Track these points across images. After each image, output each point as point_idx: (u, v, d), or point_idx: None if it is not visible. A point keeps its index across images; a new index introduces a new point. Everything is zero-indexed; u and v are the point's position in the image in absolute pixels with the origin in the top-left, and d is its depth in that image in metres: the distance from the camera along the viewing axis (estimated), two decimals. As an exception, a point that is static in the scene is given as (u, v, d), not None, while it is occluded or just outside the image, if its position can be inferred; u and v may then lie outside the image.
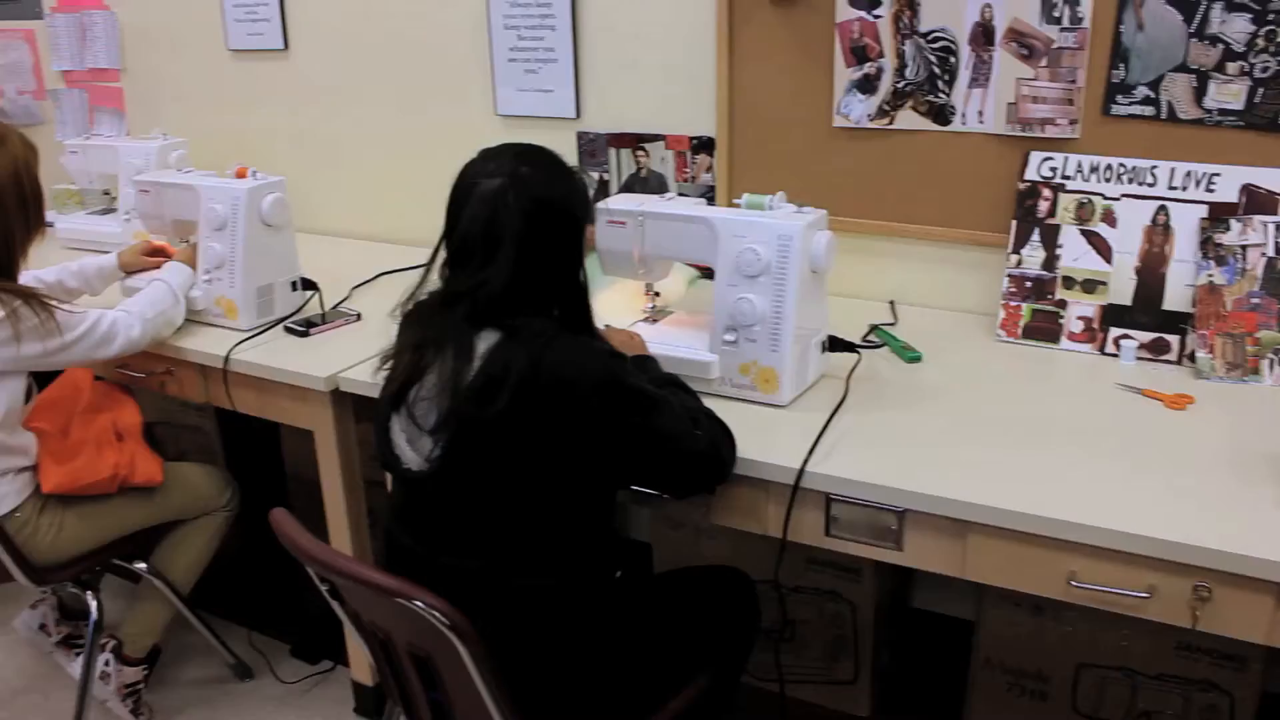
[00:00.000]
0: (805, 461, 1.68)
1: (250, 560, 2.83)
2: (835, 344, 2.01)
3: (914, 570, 1.75)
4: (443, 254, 1.63)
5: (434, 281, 1.65)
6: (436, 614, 1.44)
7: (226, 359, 2.26)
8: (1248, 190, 2.10)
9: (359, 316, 2.45)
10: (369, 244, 3.17)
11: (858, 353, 2.05)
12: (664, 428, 1.58)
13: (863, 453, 1.73)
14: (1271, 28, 2.04)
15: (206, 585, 2.58)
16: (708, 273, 2.06)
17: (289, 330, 2.39)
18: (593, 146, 2.75)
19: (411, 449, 1.60)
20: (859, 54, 2.37)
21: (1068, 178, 2.22)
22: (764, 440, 1.76)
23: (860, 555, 1.73)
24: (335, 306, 2.50)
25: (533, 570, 1.58)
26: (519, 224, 1.55)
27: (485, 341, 1.55)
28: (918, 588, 2.73)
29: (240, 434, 3.14)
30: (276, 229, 2.40)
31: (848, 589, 2.38)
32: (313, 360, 2.22)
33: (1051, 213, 2.23)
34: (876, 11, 2.33)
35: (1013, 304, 2.24)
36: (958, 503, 1.60)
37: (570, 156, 2.69)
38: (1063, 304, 2.21)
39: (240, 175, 2.41)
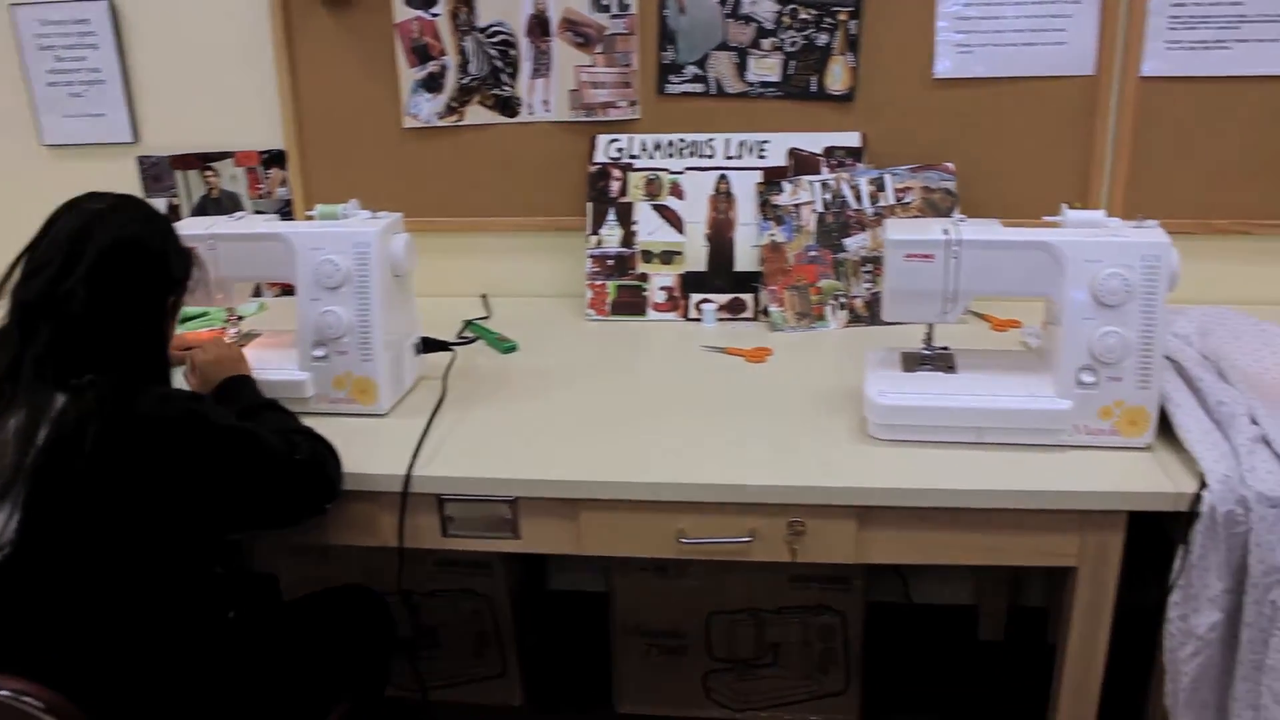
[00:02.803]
0: (411, 466, 1.66)
1: None
2: (429, 345, 2.00)
3: (546, 556, 1.78)
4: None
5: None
6: (28, 699, 1.31)
7: None
8: (794, 154, 2.28)
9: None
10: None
11: (452, 350, 2.05)
12: (258, 463, 1.52)
13: (469, 448, 1.74)
14: (794, 6, 2.22)
15: None
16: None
17: None
18: (156, 171, 2.59)
19: None
20: (421, 53, 2.36)
21: (634, 157, 2.32)
22: (369, 451, 1.72)
23: (482, 549, 1.74)
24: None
25: (133, 635, 1.47)
26: (104, 250, 1.46)
27: (56, 404, 1.42)
28: (552, 569, 2.78)
29: None
30: None
31: (481, 584, 2.38)
32: None
33: (623, 191, 2.32)
34: (434, 10, 2.33)
35: (598, 283, 2.32)
36: (565, 483, 1.64)
37: (133, 184, 2.54)
38: (644, 277, 2.31)
39: None
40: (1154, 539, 1.64)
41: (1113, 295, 1.62)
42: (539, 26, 2.31)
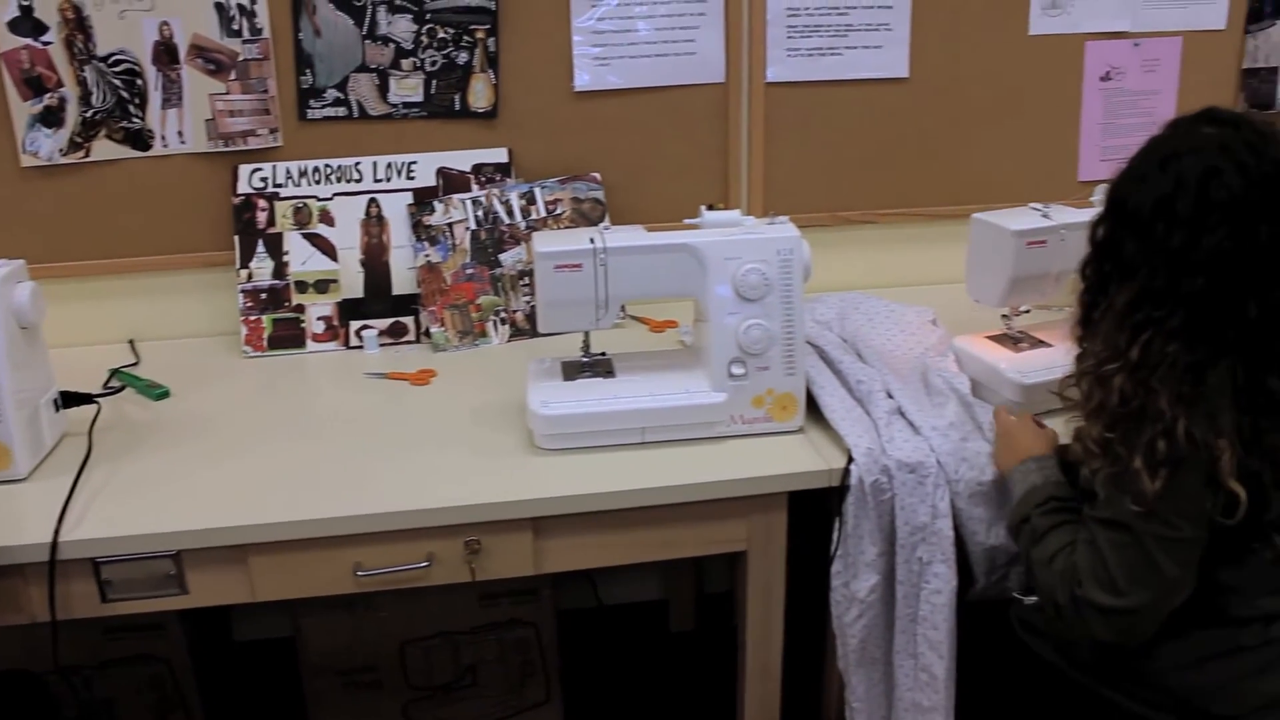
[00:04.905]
0: (57, 531, 1.54)
1: None
2: (70, 399, 1.87)
3: (229, 606, 1.70)
4: None
5: None
6: None
7: None
8: (443, 173, 2.28)
9: None
10: None
11: (96, 403, 1.92)
12: None
13: (123, 505, 1.63)
14: (431, 25, 2.22)
15: None
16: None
17: None
18: None
19: None
20: (35, 85, 2.19)
21: (280, 185, 2.25)
22: (9, 521, 1.59)
23: (150, 610, 1.64)
24: None
25: None
26: None
27: None
28: (236, 619, 2.66)
29: None
30: None
31: (157, 646, 2.24)
32: None
33: (271, 222, 2.25)
34: (45, 38, 2.17)
35: (253, 318, 2.23)
36: (230, 529, 1.57)
37: None
38: (301, 309, 2.24)
39: None
40: (820, 515, 1.74)
41: (753, 289, 1.71)
42: (166, 54, 2.19)
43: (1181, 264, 1.34)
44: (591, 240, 1.70)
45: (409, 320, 2.26)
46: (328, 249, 2.25)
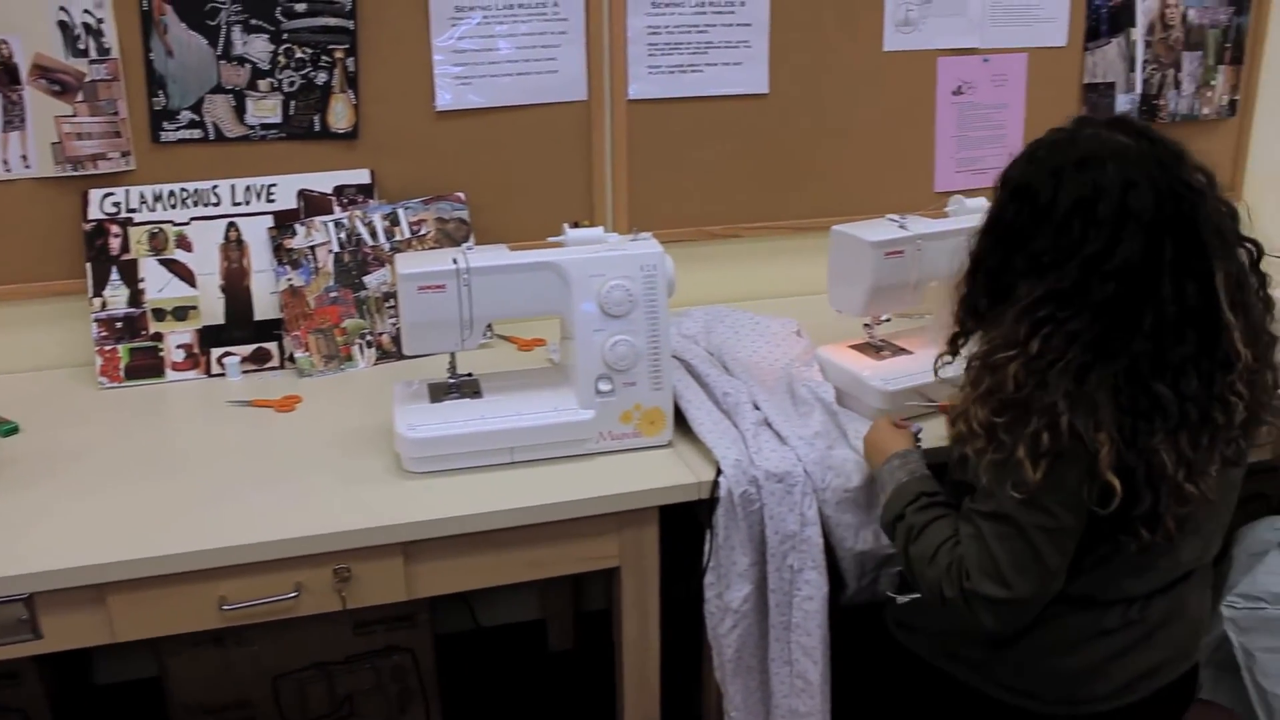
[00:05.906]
0: (-103, 581, 1.48)
1: None
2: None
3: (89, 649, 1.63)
4: None
5: None
6: None
7: None
8: (304, 195, 2.24)
9: None
10: None
11: (-61, 441, 1.85)
12: None
13: (-33, 548, 1.57)
14: (289, 45, 2.18)
15: None
16: None
17: None
18: None
19: None
20: None
21: (134, 210, 2.18)
22: None
23: (0, 658, 1.57)
24: None
25: None
26: None
27: None
28: (98, 662, 2.56)
29: None
30: None
31: (11, 696, 2.15)
32: None
33: (125, 248, 2.18)
34: None
35: (108, 348, 2.16)
36: (86, 568, 1.51)
37: None
38: (159, 337, 2.18)
39: None
40: (691, 528, 1.76)
41: (618, 306, 1.72)
42: (6, 74, 2.11)
43: (1094, 269, 1.37)
44: (454, 260, 1.69)
45: (272, 346, 2.22)
46: (186, 275, 2.20)
